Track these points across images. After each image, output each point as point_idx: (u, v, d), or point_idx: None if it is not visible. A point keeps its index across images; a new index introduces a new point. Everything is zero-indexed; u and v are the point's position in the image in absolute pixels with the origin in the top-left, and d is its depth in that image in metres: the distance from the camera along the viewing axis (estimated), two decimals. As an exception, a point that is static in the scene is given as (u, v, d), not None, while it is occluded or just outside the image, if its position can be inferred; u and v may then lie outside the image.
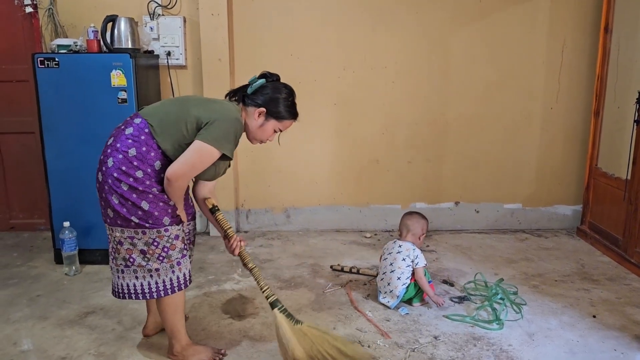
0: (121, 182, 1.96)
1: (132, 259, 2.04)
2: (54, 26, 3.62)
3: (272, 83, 2.19)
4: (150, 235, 2.01)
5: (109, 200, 1.99)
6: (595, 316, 2.65)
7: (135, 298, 2.10)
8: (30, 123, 3.75)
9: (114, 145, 2.00)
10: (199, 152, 1.96)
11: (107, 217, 2.03)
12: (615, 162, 3.48)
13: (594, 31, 3.73)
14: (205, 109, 2.02)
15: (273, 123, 2.17)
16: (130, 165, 1.96)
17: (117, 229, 2.02)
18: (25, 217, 4.00)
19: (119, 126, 2.09)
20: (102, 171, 2.01)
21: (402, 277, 2.68)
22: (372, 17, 3.72)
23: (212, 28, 3.59)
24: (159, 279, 2.07)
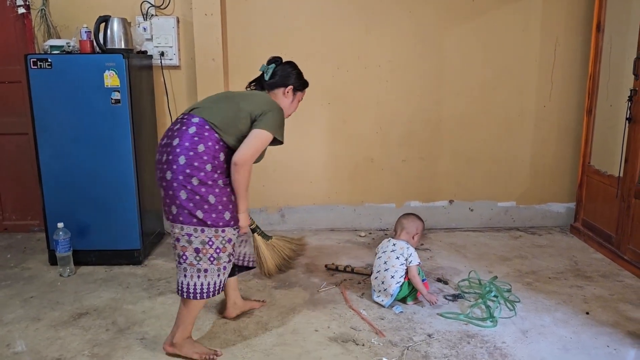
0: (192, 177, 2.10)
1: (185, 256, 2.16)
2: (46, 27, 3.61)
3: (282, 64, 2.47)
4: (207, 234, 2.14)
5: (176, 196, 2.11)
6: (589, 313, 2.67)
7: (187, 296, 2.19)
8: (24, 124, 3.74)
9: (182, 144, 2.12)
10: (260, 138, 2.18)
11: (170, 214, 2.16)
12: (608, 159, 3.50)
13: (586, 30, 3.75)
14: (252, 103, 2.25)
15: (299, 95, 2.51)
16: (201, 160, 2.11)
17: (177, 226, 2.14)
18: (19, 218, 3.99)
19: (177, 127, 2.19)
20: (172, 170, 2.12)
21: (396, 276, 2.69)
22: (366, 16, 3.73)
23: (206, 28, 3.59)
24: (204, 280, 2.18)
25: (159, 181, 2.18)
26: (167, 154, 2.15)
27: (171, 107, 3.77)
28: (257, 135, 2.18)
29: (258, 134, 2.18)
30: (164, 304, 2.79)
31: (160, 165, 2.17)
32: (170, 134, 2.20)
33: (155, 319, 2.63)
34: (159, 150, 2.21)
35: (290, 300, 2.83)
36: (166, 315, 2.66)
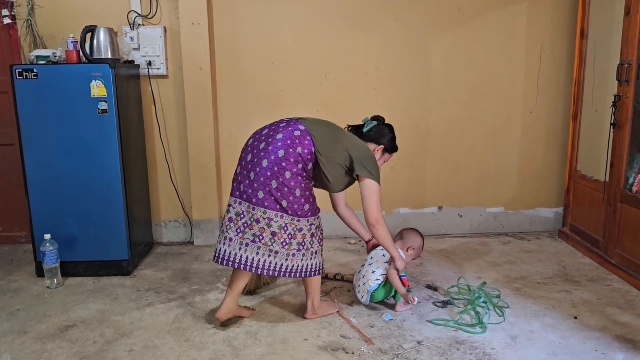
0: (286, 170, 2.37)
1: (262, 236, 2.42)
2: (32, 37, 3.59)
3: (382, 124, 2.80)
4: (285, 220, 2.41)
5: (267, 183, 2.37)
6: (577, 317, 2.68)
7: (244, 269, 2.46)
8: (9, 135, 3.70)
9: (285, 140, 2.39)
10: (375, 190, 2.53)
11: (254, 197, 2.39)
12: (594, 164, 3.53)
13: (571, 36, 3.80)
14: (353, 142, 2.55)
15: (386, 156, 2.85)
16: (295, 159, 2.38)
17: (259, 209, 2.39)
18: (5, 229, 3.94)
19: (283, 125, 2.46)
20: (269, 159, 2.37)
21: (377, 272, 2.71)
22: (353, 24, 3.75)
23: (193, 37, 3.59)
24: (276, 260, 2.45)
25: (252, 164, 2.41)
26: (267, 143, 2.41)
27: (159, 116, 3.76)
28: (373, 189, 2.52)
29: (372, 187, 2.52)
30: (153, 314, 2.77)
31: (256, 151, 2.42)
32: (273, 127, 2.47)
33: (144, 329, 2.61)
34: (256, 138, 2.48)
35: (279, 309, 2.82)
36: (154, 326, 2.64)
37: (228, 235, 2.49)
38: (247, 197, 2.43)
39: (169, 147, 3.82)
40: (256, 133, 2.53)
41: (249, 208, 2.43)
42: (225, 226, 2.51)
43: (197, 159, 3.72)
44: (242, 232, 2.45)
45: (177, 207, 3.90)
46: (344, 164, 2.49)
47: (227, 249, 2.49)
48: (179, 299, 2.95)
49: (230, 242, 2.48)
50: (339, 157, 2.47)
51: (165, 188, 3.88)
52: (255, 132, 2.55)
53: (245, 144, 2.55)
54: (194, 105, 3.67)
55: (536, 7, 3.78)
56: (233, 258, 2.47)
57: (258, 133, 2.52)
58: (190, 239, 3.94)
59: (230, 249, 2.48)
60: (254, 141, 2.50)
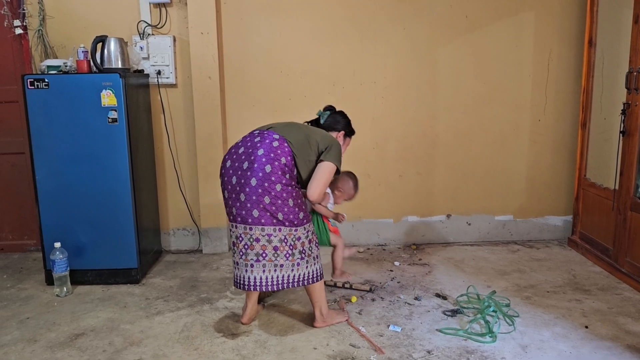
0: (277, 184, 2.41)
1: (265, 254, 2.46)
2: (43, 47, 3.63)
3: (336, 113, 2.90)
4: (283, 233, 2.46)
5: (260, 201, 2.40)
6: (588, 327, 2.66)
7: (255, 289, 2.53)
8: (20, 143, 3.74)
9: (268, 155, 2.43)
10: (329, 170, 2.52)
11: (250, 217, 2.43)
12: (603, 172, 3.52)
13: (579, 45, 3.80)
14: (319, 135, 2.59)
15: (348, 140, 2.96)
16: (283, 170, 2.43)
17: (257, 228, 2.43)
18: (15, 238, 3.97)
19: (259, 140, 2.49)
20: (257, 177, 2.40)
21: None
22: (361, 33, 3.77)
23: (202, 46, 3.62)
24: (282, 273, 2.50)
25: (239, 186, 2.43)
26: (249, 162, 2.43)
27: (168, 125, 3.79)
28: (326, 168, 2.51)
29: (327, 166, 2.51)
30: (162, 323, 2.78)
31: (240, 172, 2.44)
32: (250, 144, 2.49)
33: (153, 338, 2.61)
34: (234, 159, 2.49)
35: (288, 317, 2.81)
36: (164, 334, 2.64)
37: (235, 260, 2.58)
38: (242, 219, 2.46)
39: (177, 155, 3.84)
40: (231, 154, 2.53)
41: (245, 229, 2.47)
42: (232, 251, 2.60)
43: (206, 167, 3.73)
44: (245, 255, 2.50)
45: (185, 216, 3.92)
46: (315, 159, 2.54)
47: (237, 272, 2.57)
48: (188, 308, 2.96)
49: (237, 266, 2.56)
50: (312, 154, 2.53)
51: (174, 196, 3.90)
52: (229, 154, 2.55)
53: (224, 167, 2.54)
54: (202, 114, 3.69)
55: (544, 15, 3.78)
56: (244, 281, 2.54)
57: (234, 154, 2.52)
58: (198, 247, 3.95)
59: (240, 273, 2.55)
60: (233, 162, 2.50)
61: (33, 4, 3.62)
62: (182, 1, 3.65)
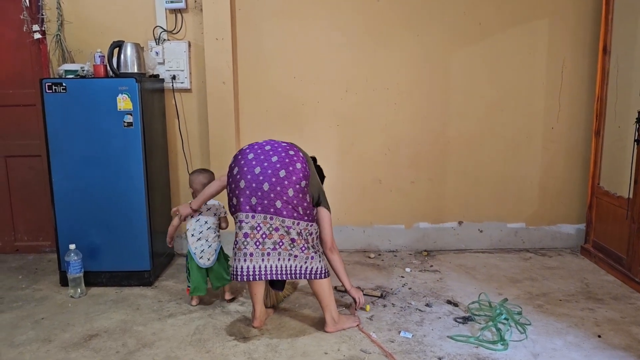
0: (302, 180, 2.53)
1: (282, 242, 2.52)
2: (61, 52, 3.69)
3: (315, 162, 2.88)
4: (300, 227, 2.53)
5: (284, 192, 2.48)
6: (600, 336, 2.64)
7: (267, 278, 2.55)
8: (37, 146, 3.80)
9: (298, 155, 2.58)
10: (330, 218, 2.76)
11: (272, 207, 2.49)
12: (617, 180, 3.49)
13: (593, 52, 3.78)
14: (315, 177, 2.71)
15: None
16: (305, 173, 2.56)
17: (277, 218, 2.49)
18: (31, 239, 4.03)
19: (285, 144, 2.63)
20: (287, 170, 2.50)
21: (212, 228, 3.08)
22: (374, 39, 3.79)
23: (217, 52, 3.66)
24: (296, 263, 2.56)
25: (264, 176, 2.49)
26: (280, 157, 2.53)
27: (182, 129, 3.83)
28: (328, 217, 2.74)
29: (328, 216, 2.73)
30: (174, 325, 2.80)
31: (268, 164, 2.51)
32: (277, 145, 2.61)
33: (166, 340, 2.64)
34: (262, 152, 2.56)
35: (299, 322, 2.82)
36: (176, 337, 2.67)
37: (247, 251, 2.53)
38: (262, 209, 2.49)
39: (191, 159, 3.88)
40: (255, 149, 2.60)
41: (265, 219, 2.50)
42: (241, 243, 2.54)
43: (219, 171, 3.74)
44: (262, 244, 2.52)
45: (198, 219, 3.94)
46: (315, 195, 2.67)
47: (248, 264, 2.54)
48: (200, 311, 2.98)
49: (251, 257, 2.54)
50: (312, 175, 2.64)
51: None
52: (251, 148, 2.62)
53: (243, 158, 2.58)
54: (216, 119, 3.73)
55: (557, 22, 3.77)
56: (255, 271, 2.53)
57: (259, 148, 2.60)
58: (210, 250, 3.97)
59: (252, 264, 2.53)
60: (257, 155, 2.56)
61: (52, 10, 3.68)
62: (198, 7, 3.70)
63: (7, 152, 3.89)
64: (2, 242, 4.01)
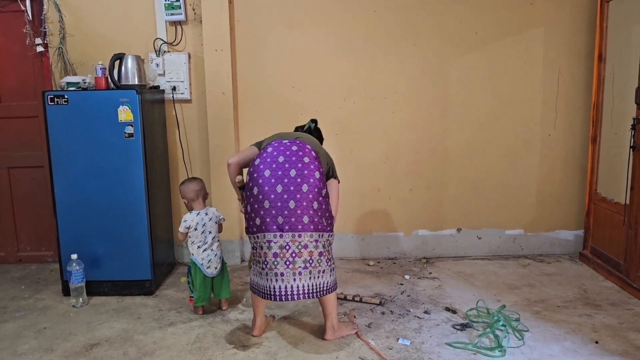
0: (322, 189, 2.54)
1: (311, 260, 2.51)
2: (63, 64, 3.75)
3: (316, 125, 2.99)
4: (325, 237, 2.55)
5: (310, 206, 2.48)
6: (598, 342, 2.66)
7: (299, 298, 2.53)
8: (39, 157, 3.85)
9: (314, 162, 2.54)
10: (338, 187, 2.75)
11: (300, 223, 2.47)
12: (614, 187, 3.52)
13: (588, 60, 3.82)
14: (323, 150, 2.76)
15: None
16: (322, 178, 2.55)
17: (306, 234, 2.48)
18: (33, 249, 4.06)
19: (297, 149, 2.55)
20: (308, 183, 2.48)
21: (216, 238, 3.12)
22: (372, 49, 3.83)
23: (216, 63, 3.71)
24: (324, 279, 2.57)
25: (288, 194, 2.46)
26: (298, 169, 2.49)
27: (182, 139, 3.87)
28: (337, 186, 2.73)
29: (336, 184, 2.73)
30: (175, 334, 2.83)
31: (288, 180, 2.47)
32: (289, 153, 2.54)
33: (166, 349, 2.66)
34: (278, 167, 2.50)
35: (298, 329, 2.85)
36: (176, 345, 2.70)
37: (278, 271, 2.50)
38: (290, 227, 2.45)
39: (191, 168, 3.92)
40: (268, 163, 2.50)
41: (294, 237, 2.47)
42: (271, 263, 2.50)
43: (219, 180, 3.80)
44: (292, 263, 2.49)
45: (198, 228, 3.98)
46: (325, 170, 2.66)
47: (280, 284, 2.51)
48: (200, 319, 3.01)
49: (282, 277, 2.51)
50: (325, 165, 2.66)
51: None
52: (264, 162, 2.51)
53: (260, 177, 2.49)
54: (216, 129, 3.77)
55: (553, 31, 3.82)
56: (288, 291, 2.52)
57: (272, 162, 2.50)
58: (211, 259, 4.00)
59: (284, 284, 2.51)
60: (274, 171, 2.47)
61: (54, 23, 3.75)
62: (197, 19, 3.76)
63: (10, 163, 3.94)
64: (5, 252, 4.05)
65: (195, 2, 3.75)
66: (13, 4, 3.72)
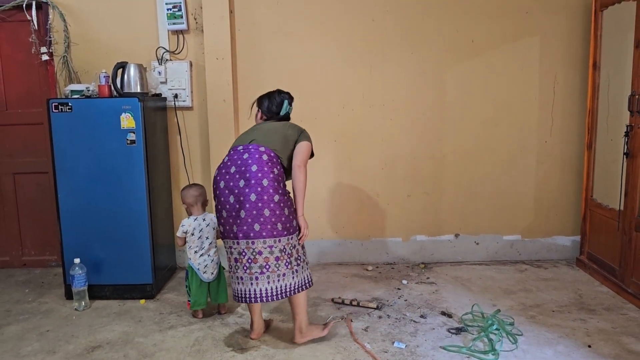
0: (274, 195, 2.56)
1: (268, 265, 2.57)
2: (68, 72, 3.83)
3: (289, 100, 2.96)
4: (282, 243, 2.59)
5: (260, 214, 2.53)
6: (591, 346, 2.70)
7: (261, 301, 2.62)
8: (43, 163, 3.93)
9: (262, 169, 2.57)
10: (308, 147, 2.72)
11: (252, 231, 2.55)
12: (609, 193, 3.56)
13: (583, 68, 3.87)
14: (292, 129, 2.76)
15: None
16: (278, 179, 2.59)
17: (259, 241, 2.55)
18: (37, 253, 4.13)
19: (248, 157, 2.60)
20: (256, 192, 2.54)
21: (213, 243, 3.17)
22: (370, 57, 3.90)
23: (217, 71, 3.78)
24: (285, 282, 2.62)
25: (239, 204, 2.55)
26: (246, 179, 2.55)
27: (184, 145, 3.94)
28: (306, 146, 2.71)
29: (305, 145, 2.71)
30: (174, 337, 2.88)
31: (237, 190, 2.56)
32: (240, 162, 2.60)
33: (166, 351, 2.72)
34: (230, 178, 2.59)
35: (296, 333, 2.89)
36: (176, 348, 2.75)
37: (238, 275, 2.65)
38: (243, 235, 2.56)
39: (192, 175, 3.99)
40: (223, 175, 2.63)
41: (248, 244, 2.57)
42: (233, 267, 2.67)
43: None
44: (249, 268, 2.60)
45: (199, 233, 4.04)
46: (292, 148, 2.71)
47: (242, 287, 2.65)
48: (200, 322, 3.06)
49: (242, 281, 2.64)
50: (290, 149, 2.70)
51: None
52: (220, 174, 2.65)
53: (218, 189, 2.64)
54: (217, 136, 3.83)
55: (548, 39, 3.87)
56: (250, 294, 2.63)
57: (226, 174, 2.62)
58: (212, 264, 4.06)
59: (244, 287, 2.64)
60: (227, 182, 2.60)
61: (59, 32, 3.83)
62: (199, 28, 3.83)
63: (15, 169, 4.02)
64: (10, 256, 4.12)
65: (196, 12, 3.83)
66: (19, 14, 3.81)
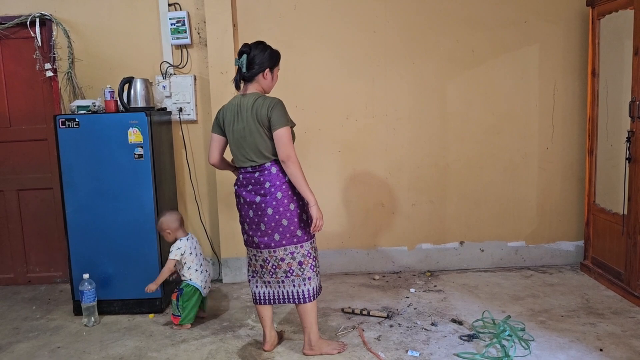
0: (290, 204, 2.61)
1: (292, 270, 2.65)
2: (72, 88, 3.84)
3: (252, 51, 2.65)
4: (306, 248, 2.65)
5: (279, 224, 2.59)
6: (602, 349, 2.72)
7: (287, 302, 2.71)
8: (48, 179, 3.92)
9: (274, 184, 2.59)
10: (285, 135, 2.54)
11: (272, 241, 2.62)
12: (612, 198, 3.61)
13: (582, 75, 3.94)
14: (259, 115, 2.56)
15: (276, 70, 2.75)
16: (289, 189, 2.61)
17: (280, 249, 2.62)
18: (42, 270, 4.11)
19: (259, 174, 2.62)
20: (272, 205, 2.59)
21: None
22: (372, 69, 3.94)
23: (221, 85, 3.80)
24: (311, 285, 2.67)
25: (257, 218, 2.62)
26: (261, 195, 2.60)
27: (189, 159, 3.95)
28: (281, 135, 2.54)
29: (281, 134, 2.54)
30: (187, 351, 2.88)
31: (255, 206, 2.62)
32: (254, 180, 2.63)
33: (180, 365, 2.71)
34: (247, 195, 2.64)
35: (309, 344, 2.90)
36: (190, 361, 2.75)
37: (265, 279, 2.73)
38: (265, 245, 2.64)
39: (198, 188, 4.00)
40: (240, 192, 2.69)
41: (270, 253, 2.65)
42: (259, 273, 2.76)
43: (225, 199, 3.88)
44: (275, 274, 2.68)
45: (206, 246, 4.04)
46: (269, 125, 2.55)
47: (267, 289, 2.75)
48: (212, 336, 3.06)
49: (269, 284, 2.73)
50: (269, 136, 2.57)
51: (195, 228, 4.04)
52: (238, 189, 2.72)
53: (239, 203, 2.73)
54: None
55: (547, 48, 3.94)
56: (276, 296, 2.73)
57: (243, 191, 2.67)
58: (219, 276, 4.06)
59: (271, 289, 2.74)
60: (245, 199, 2.66)
61: (63, 48, 3.85)
62: (203, 42, 3.86)
63: (19, 186, 4.00)
64: (15, 273, 4.10)
65: (200, 26, 3.86)
66: (23, 31, 3.82)
